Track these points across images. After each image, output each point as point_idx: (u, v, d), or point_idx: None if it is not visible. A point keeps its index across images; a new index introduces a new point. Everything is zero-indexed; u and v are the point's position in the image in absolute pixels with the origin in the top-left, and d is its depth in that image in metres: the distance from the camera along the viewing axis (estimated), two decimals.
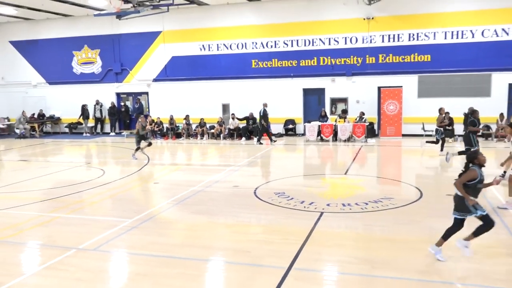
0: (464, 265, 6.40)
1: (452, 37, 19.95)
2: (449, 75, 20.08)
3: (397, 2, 20.34)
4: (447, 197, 9.94)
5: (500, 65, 19.41)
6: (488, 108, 19.36)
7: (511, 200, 9.10)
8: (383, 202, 9.63)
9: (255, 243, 7.40)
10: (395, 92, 20.40)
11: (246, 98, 22.74)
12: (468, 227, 6.59)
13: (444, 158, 13.99)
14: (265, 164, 15.52)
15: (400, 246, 7.14)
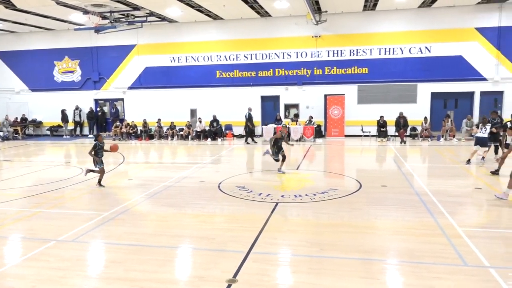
0: (396, 244, 6.54)
1: (386, 53, 20.50)
2: (383, 85, 20.62)
3: (340, 23, 20.71)
4: (382, 188, 10.23)
5: (424, 76, 20.13)
6: (415, 113, 20.05)
7: (508, 192, 8.81)
8: (329, 193, 9.73)
9: (218, 231, 7.28)
10: (338, 99, 20.74)
11: (211, 104, 22.53)
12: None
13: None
14: (228, 161, 15.39)
15: (344, 230, 7.22)
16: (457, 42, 19.63)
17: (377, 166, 14.35)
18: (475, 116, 19.86)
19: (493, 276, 5.29)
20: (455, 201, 8.83)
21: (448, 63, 19.80)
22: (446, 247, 6.30)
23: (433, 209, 8.24)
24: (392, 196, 9.41)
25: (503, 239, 6.63)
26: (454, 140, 18.92)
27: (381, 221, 7.72)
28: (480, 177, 11.28)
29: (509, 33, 19.15)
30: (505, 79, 19.40)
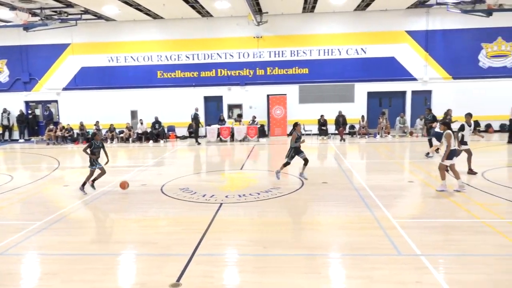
0: (337, 239, 6.79)
1: (325, 54, 21.21)
2: (323, 85, 21.32)
3: (280, 24, 21.11)
4: (323, 184, 10.56)
5: (361, 77, 21.08)
6: (353, 111, 20.94)
7: (445, 183, 9.52)
8: (272, 191, 9.89)
9: (162, 234, 7.14)
10: (281, 99, 21.13)
11: (153, 105, 21.99)
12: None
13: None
14: (171, 163, 15.11)
15: (288, 227, 7.37)
16: (389, 44, 20.77)
17: (319, 163, 14.79)
18: (408, 114, 21.14)
19: (424, 263, 5.67)
20: (390, 194, 9.35)
21: (382, 64, 20.89)
22: (382, 238, 6.65)
23: (371, 203, 8.66)
24: (333, 192, 9.76)
25: (432, 228, 7.12)
26: (389, 136, 20.00)
27: (323, 216, 7.98)
28: (413, 172, 12.02)
29: (436, 36, 20.59)
30: (433, 79, 20.83)
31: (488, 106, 20.20)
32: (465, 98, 20.34)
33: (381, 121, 20.29)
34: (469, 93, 20.43)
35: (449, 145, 9.33)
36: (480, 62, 20.64)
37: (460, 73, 20.65)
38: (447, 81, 20.79)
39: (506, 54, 20.48)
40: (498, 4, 15.97)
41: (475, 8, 16.04)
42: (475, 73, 20.63)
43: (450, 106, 20.08)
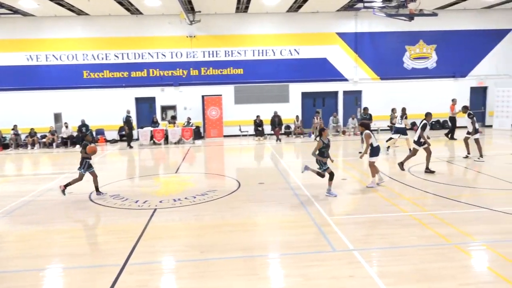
0: (274, 238, 6.93)
1: (259, 55, 21.52)
2: (258, 85, 21.62)
3: (214, 24, 21.07)
4: (260, 185, 10.71)
5: (294, 77, 21.68)
6: (288, 112, 21.47)
7: (375, 180, 10.24)
8: (208, 194, 9.84)
9: (91, 245, 6.81)
10: (216, 99, 21.10)
11: (79, 107, 20.88)
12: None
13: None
14: (100, 169, 14.41)
15: (225, 230, 7.38)
16: (322, 46, 21.59)
17: (255, 164, 14.97)
18: (340, 114, 22.11)
19: (356, 257, 5.97)
20: (324, 192, 9.69)
21: (315, 65, 21.66)
22: (317, 236, 6.89)
23: (306, 202, 8.93)
24: (270, 193, 9.93)
25: (364, 224, 7.51)
26: None
27: (260, 217, 8.09)
28: (346, 169, 12.58)
29: (364, 38, 21.75)
30: (363, 79, 21.98)
31: (413, 105, 21.65)
32: (392, 97, 21.68)
33: (316, 121, 21.01)
34: (395, 93, 21.82)
35: (367, 144, 10.04)
36: (404, 64, 22.14)
37: (387, 74, 22.00)
38: (375, 81, 22.05)
39: (427, 56, 22.16)
40: (419, 10, 17.24)
41: (399, 12, 17.18)
42: (400, 74, 22.09)
43: (378, 106, 21.36)
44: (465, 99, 22.00)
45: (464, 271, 5.55)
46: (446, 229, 7.05)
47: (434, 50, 22.16)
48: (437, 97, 21.72)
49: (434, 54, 22.17)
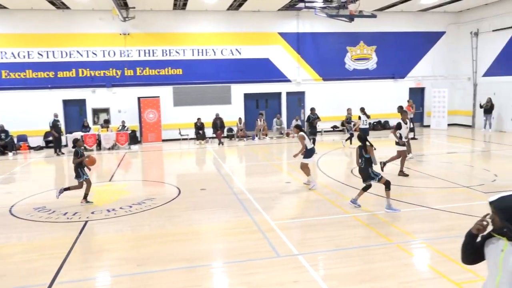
0: (217, 246, 6.90)
1: (199, 54, 21.39)
2: (199, 86, 21.47)
3: (150, 21, 20.64)
4: (202, 191, 10.63)
5: (237, 78, 21.79)
6: (230, 114, 21.51)
7: (311, 178, 10.60)
8: (146, 203, 9.60)
9: (12, 265, 6.37)
10: (153, 101, 20.66)
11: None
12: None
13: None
14: (23, 179, 13.60)
15: (164, 240, 7.23)
16: (264, 46, 21.89)
17: (197, 169, 14.85)
18: (284, 115, 22.53)
19: (301, 262, 6.10)
20: (268, 197, 9.83)
21: (258, 65, 21.91)
22: (261, 242, 6.96)
23: (250, 207, 8.99)
24: (212, 199, 9.89)
25: (308, 227, 7.70)
26: (267, 138, 21.05)
27: (201, 225, 8.02)
28: (290, 172, 12.84)
29: (306, 38, 22.37)
30: (305, 80, 22.58)
31: (355, 106, 22.57)
32: (335, 98, 22.50)
33: (259, 123, 21.24)
34: (338, 94, 22.64)
35: (303, 145, 10.46)
36: (346, 65, 23.04)
37: (330, 75, 22.77)
38: (318, 82, 22.73)
39: (368, 57, 23.24)
40: (359, 11, 18.03)
41: (339, 13, 17.84)
42: (342, 75, 22.95)
43: (321, 107, 22.04)
44: (405, 100, 23.31)
45: (405, 269, 5.86)
46: (388, 229, 7.41)
47: (374, 51, 23.28)
48: (378, 98, 22.82)
49: (374, 55, 23.29)
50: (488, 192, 9.74)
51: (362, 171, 8.62)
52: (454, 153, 15.45)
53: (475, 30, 22.41)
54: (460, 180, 10.97)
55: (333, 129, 22.85)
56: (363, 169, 8.54)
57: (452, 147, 17.03)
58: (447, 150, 16.61)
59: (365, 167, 8.49)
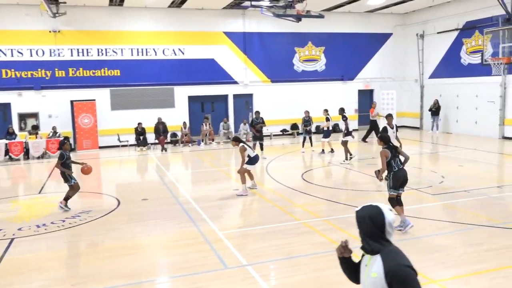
0: (161, 260, 6.80)
1: (138, 54, 20.98)
2: (139, 89, 21.04)
3: (83, 17, 19.97)
4: (143, 202, 10.43)
5: (180, 80, 21.59)
6: (174, 118, 21.25)
7: (245, 187, 10.66)
8: (81, 216, 9.27)
9: None
10: (88, 105, 19.98)
11: None
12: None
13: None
14: None
15: (103, 255, 7.01)
16: (208, 45, 21.86)
17: (138, 178, 14.54)
18: (231, 119, 22.59)
19: (250, 273, 6.14)
20: (215, 205, 9.82)
21: (202, 66, 21.84)
22: (208, 253, 6.93)
23: (196, 217, 8.93)
24: (154, 209, 9.72)
25: (257, 236, 7.77)
26: (214, 143, 21.00)
27: (144, 238, 7.87)
28: (238, 179, 12.87)
29: (253, 38, 22.60)
30: (253, 82, 22.79)
31: (304, 108, 23.05)
32: (284, 101, 22.88)
33: (205, 128, 21.16)
34: (287, 96, 23.04)
35: (243, 159, 10.64)
36: (295, 66, 23.53)
37: (278, 77, 23.13)
38: (266, 84, 23.02)
39: (316, 58, 23.86)
40: (306, 11, 18.51)
41: (286, 13, 18.23)
42: (291, 76, 23.40)
43: (270, 109, 22.33)
44: (354, 102, 24.17)
45: None
46: (338, 234, 7.63)
47: (323, 52, 23.95)
48: (327, 100, 23.42)
49: (323, 57, 23.96)
50: (436, 194, 10.31)
51: (398, 176, 7.65)
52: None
53: (420, 32, 23.70)
54: (408, 183, 11.48)
55: (282, 133, 23.21)
56: (401, 172, 7.71)
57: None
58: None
59: (403, 170, 7.75)
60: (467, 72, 21.02)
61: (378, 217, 2.64)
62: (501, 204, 9.46)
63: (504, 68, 17.39)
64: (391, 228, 2.67)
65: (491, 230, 7.73)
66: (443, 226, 8.04)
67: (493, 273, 5.95)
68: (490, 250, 6.67)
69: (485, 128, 20.12)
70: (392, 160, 7.69)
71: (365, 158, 15.81)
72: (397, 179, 7.67)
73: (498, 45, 14.88)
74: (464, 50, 21.31)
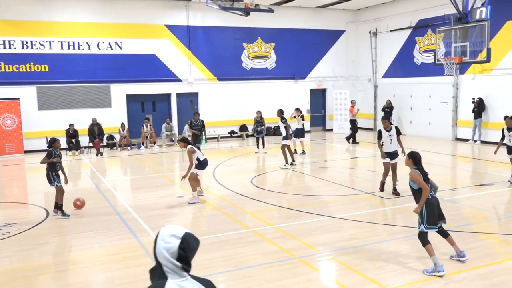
0: (96, 277, 6.65)
1: (69, 48, 20.32)
2: (70, 86, 20.37)
3: (5, 6, 19.08)
4: (75, 212, 10.12)
5: (117, 77, 21.12)
6: (111, 119, 20.76)
7: (196, 194, 10.61)
8: (4, 229, 8.86)
9: None
10: (11, 104, 19.11)
11: None
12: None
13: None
14: None
15: (31, 274, 6.77)
16: (149, 39, 21.55)
17: (70, 186, 14.04)
18: (174, 120, 22.37)
19: None
20: (158, 214, 9.71)
21: (142, 62, 21.48)
22: (150, 267, 6.81)
23: (136, 228, 8.79)
24: (89, 220, 9.47)
25: (205, 246, 7.73)
26: (155, 146, 20.72)
27: (78, 252, 7.69)
28: (182, 185, 12.79)
29: (197, 33, 22.53)
30: (198, 80, 22.70)
31: (253, 108, 23.24)
32: (232, 100, 22.96)
33: (145, 129, 20.83)
34: (235, 96, 23.14)
35: (191, 162, 10.56)
36: (243, 63, 23.68)
37: (225, 74, 23.18)
38: (212, 82, 23.01)
39: (266, 55, 24.15)
40: (255, 4, 18.71)
41: (234, 6, 18.32)
42: (239, 74, 23.53)
43: (217, 109, 22.37)
44: (306, 102, 24.66)
45: (309, 285, 6.21)
46: (291, 242, 7.78)
47: (273, 49, 24.27)
48: (279, 100, 23.73)
49: (273, 54, 24.29)
50: (389, 198, 10.74)
51: (432, 205, 6.46)
52: (356, 158, 16.73)
53: (373, 29, 24.58)
54: (362, 187, 11.93)
55: (230, 135, 23.28)
56: (435, 200, 6.55)
57: (354, 152, 18.40)
58: (350, 155, 17.91)
59: (435, 198, 6.61)
60: (420, 71, 22.04)
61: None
62: (454, 207, 10.00)
63: (456, 68, 18.40)
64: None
65: None
66: (397, 231, 8.39)
67: (447, 278, 6.29)
68: (443, 255, 7.04)
69: (439, 129, 21.18)
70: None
71: (318, 162, 16.18)
72: (431, 210, 6.41)
73: (451, 45, 15.69)
74: (417, 49, 22.34)
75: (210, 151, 16.71)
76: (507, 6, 17.81)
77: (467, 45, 15.01)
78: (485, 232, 8.27)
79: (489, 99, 18.99)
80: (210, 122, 22.07)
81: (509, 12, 17.86)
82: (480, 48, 14.89)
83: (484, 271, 6.52)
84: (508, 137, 11.70)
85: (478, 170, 14.46)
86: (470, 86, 19.89)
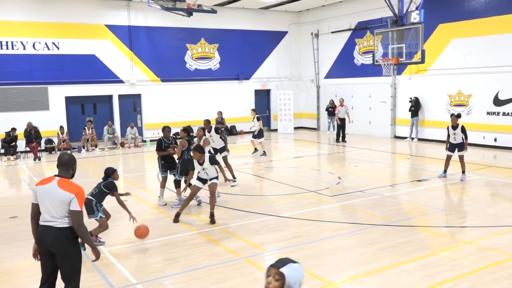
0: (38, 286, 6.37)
1: (2, 48, 19.35)
2: (3, 88, 19.41)
3: None
4: (12, 220, 9.68)
5: (56, 78, 20.33)
6: (49, 122, 19.97)
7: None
8: None
9: None
10: None
11: None
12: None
13: None
14: None
15: None
16: (88, 40, 20.90)
17: (5, 193, 13.45)
18: (117, 122, 21.82)
19: None
20: None
21: (82, 63, 20.79)
22: (91, 274, 6.64)
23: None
24: (26, 228, 8.95)
25: (148, 250, 7.64)
26: (97, 150, 20.13)
27: (14, 262, 7.36)
28: (126, 188, 12.50)
29: (139, 33, 22.10)
30: (141, 81, 22.26)
31: (199, 109, 23.12)
32: (176, 102, 22.69)
33: (86, 132, 20.19)
34: (179, 97, 22.88)
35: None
36: (187, 64, 23.47)
37: (169, 75, 22.88)
38: (155, 83, 22.64)
39: (210, 56, 24.06)
40: (197, 5, 18.61)
41: (176, 6, 18.13)
42: (183, 75, 23.29)
43: (160, 111, 22.07)
44: (251, 103, 24.78)
45: (255, 285, 6.24)
46: (236, 243, 7.80)
47: (217, 50, 24.23)
48: (223, 101, 23.75)
49: (217, 54, 24.24)
50: (333, 195, 11.00)
51: None
52: (300, 157, 17.01)
53: (315, 31, 25.10)
54: (307, 185, 12.13)
55: (175, 137, 22.92)
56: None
57: (298, 151, 18.72)
58: (294, 154, 18.20)
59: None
60: (360, 72, 22.73)
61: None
62: (394, 203, 10.39)
63: (393, 69, 19.10)
64: None
65: (385, 228, 8.45)
66: (340, 228, 8.60)
67: (387, 271, 6.53)
68: (384, 249, 7.30)
69: (379, 128, 21.94)
70: None
71: (264, 161, 16.31)
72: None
73: (388, 46, 16.28)
74: (357, 51, 23.03)
75: (154, 153, 16.42)
76: (439, 10, 18.74)
77: (403, 46, 15.61)
78: (422, 225, 8.64)
79: (424, 98, 19.88)
80: (153, 124, 21.82)
81: (441, 15, 18.79)
82: (415, 50, 15.53)
83: (421, 263, 6.81)
84: (453, 135, 12.23)
85: (415, 166, 15.09)
86: (407, 86, 20.75)
